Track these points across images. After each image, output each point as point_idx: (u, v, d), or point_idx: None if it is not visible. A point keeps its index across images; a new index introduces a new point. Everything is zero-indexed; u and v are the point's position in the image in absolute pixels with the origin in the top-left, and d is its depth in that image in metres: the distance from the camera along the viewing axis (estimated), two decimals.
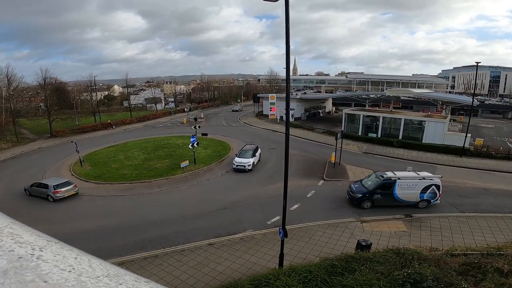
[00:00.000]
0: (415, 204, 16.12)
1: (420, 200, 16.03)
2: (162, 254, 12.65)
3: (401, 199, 16.02)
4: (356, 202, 16.45)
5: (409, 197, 15.98)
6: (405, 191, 15.93)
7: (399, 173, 16.79)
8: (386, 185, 16.02)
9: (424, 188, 15.96)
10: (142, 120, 51.73)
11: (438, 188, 16.06)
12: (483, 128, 42.58)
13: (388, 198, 16.02)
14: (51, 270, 0.63)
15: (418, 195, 15.96)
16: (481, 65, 28.94)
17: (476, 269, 8.04)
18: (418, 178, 16.19)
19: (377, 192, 16.08)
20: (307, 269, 8.13)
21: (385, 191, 16.07)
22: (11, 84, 39.96)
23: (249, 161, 23.08)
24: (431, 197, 16.13)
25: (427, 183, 15.97)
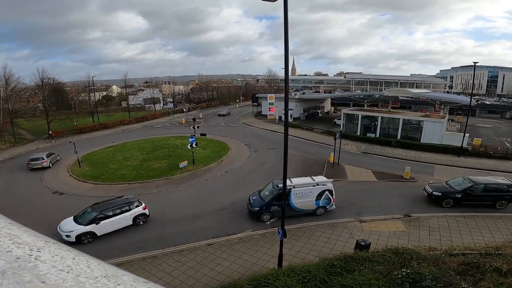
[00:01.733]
0: (312, 212, 15.52)
1: (317, 207, 15.49)
2: (161, 254, 12.63)
3: (298, 208, 15.24)
4: (254, 216, 15.28)
5: (305, 205, 15.32)
6: (301, 199, 15.19)
7: (295, 180, 15.96)
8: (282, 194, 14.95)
9: (318, 195, 15.42)
10: (141, 120, 51.63)
11: (332, 193, 15.61)
12: (481, 128, 42.73)
13: (286, 208, 14.29)
14: (49, 270, 0.63)
15: (314, 202, 15.38)
16: (478, 65, 29.10)
17: (475, 268, 8.06)
18: (312, 185, 15.51)
19: (274, 203, 15.02)
20: (306, 269, 8.13)
21: (282, 201, 15.09)
22: (9, 85, 39.81)
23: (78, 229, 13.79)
24: (327, 203, 15.65)
25: (321, 189, 15.43)
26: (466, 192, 16.55)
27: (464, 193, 16.55)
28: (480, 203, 16.48)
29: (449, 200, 16.64)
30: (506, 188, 16.61)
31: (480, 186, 16.70)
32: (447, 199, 16.65)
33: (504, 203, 16.53)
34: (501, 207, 16.49)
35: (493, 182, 17.13)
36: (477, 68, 29.67)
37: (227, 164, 25.48)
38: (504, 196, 16.55)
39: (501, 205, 16.53)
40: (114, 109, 67.85)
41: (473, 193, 16.59)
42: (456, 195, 16.60)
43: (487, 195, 16.58)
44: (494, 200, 16.51)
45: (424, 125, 31.39)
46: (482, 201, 16.52)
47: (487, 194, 16.62)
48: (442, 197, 16.67)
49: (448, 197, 16.67)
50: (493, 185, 16.77)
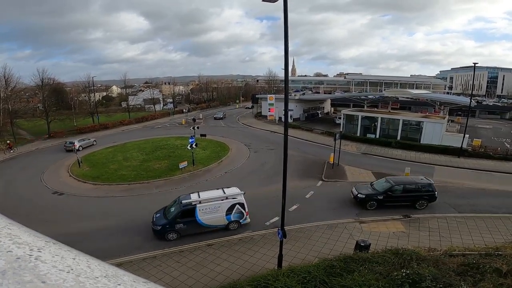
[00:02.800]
0: (224, 227, 14.41)
1: (229, 222, 14.38)
2: (161, 255, 12.63)
3: (207, 225, 14.10)
4: (158, 234, 13.99)
5: (215, 221, 14.17)
6: (209, 215, 14.04)
7: (204, 194, 14.79)
8: (186, 211, 13.87)
9: (229, 209, 14.31)
10: (141, 121, 51.62)
11: (243, 206, 14.49)
12: (481, 129, 42.76)
13: (192, 225, 13.85)
14: (50, 270, 0.63)
15: (224, 217, 14.25)
16: (478, 66, 29.12)
17: (475, 269, 8.06)
18: (220, 199, 14.34)
19: (178, 221, 13.82)
20: (306, 270, 8.12)
21: (187, 218, 13.86)
22: (9, 85, 39.82)
23: None
24: (239, 217, 14.53)
25: (231, 203, 14.32)
26: (387, 193, 16.52)
27: (385, 194, 16.51)
28: (400, 204, 16.49)
29: (373, 202, 16.51)
30: (424, 188, 16.65)
31: (399, 186, 16.73)
32: (371, 201, 16.51)
33: (424, 203, 16.57)
34: (421, 208, 16.50)
35: (412, 182, 17.21)
36: (477, 68, 29.69)
37: (227, 164, 25.48)
38: (423, 196, 16.60)
39: (421, 205, 16.56)
40: (114, 110, 67.84)
41: (393, 194, 16.59)
42: (378, 196, 16.52)
43: (406, 196, 16.62)
44: (413, 200, 16.55)
45: (424, 126, 31.43)
46: (402, 201, 16.54)
47: (406, 194, 16.66)
48: (366, 199, 16.53)
49: (371, 199, 16.53)
50: (411, 185, 16.86)
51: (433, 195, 16.57)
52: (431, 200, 16.63)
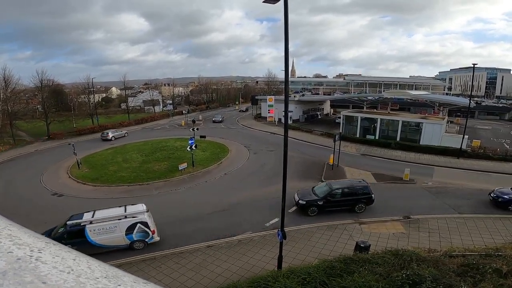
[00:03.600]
0: (127, 247, 13.13)
1: (132, 242, 13.10)
2: (160, 256, 12.60)
3: (103, 245, 12.74)
4: None
5: (112, 241, 12.89)
6: (104, 235, 12.74)
7: (100, 213, 13.46)
8: (74, 232, 12.60)
9: (129, 228, 13.02)
10: (140, 122, 51.60)
11: (147, 225, 13.19)
12: (480, 130, 42.83)
13: (84, 246, 12.12)
14: (50, 271, 0.64)
15: (125, 237, 12.96)
16: (477, 67, 29.16)
17: (475, 270, 8.05)
18: (117, 218, 13.05)
19: (64, 242, 11.89)
20: (306, 271, 8.12)
21: (77, 239, 12.43)
22: (8, 86, 39.81)
23: None
24: (143, 237, 13.22)
25: (131, 222, 13.01)
26: (327, 198, 16.04)
27: (325, 199, 16.01)
28: (340, 209, 16.08)
29: (314, 208, 15.96)
30: (362, 190, 16.29)
31: (338, 190, 16.27)
32: (312, 207, 15.93)
33: (363, 207, 16.18)
34: (360, 211, 16.09)
35: (350, 185, 16.84)
36: (476, 69, 29.78)
37: (227, 166, 25.47)
38: (361, 199, 16.17)
39: (360, 209, 16.15)
40: (113, 111, 67.79)
41: (333, 199, 16.11)
42: (318, 202, 15.97)
43: (345, 200, 16.16)
44: (353, 204, 16.14)
45: (423, 127, 31.48)
46: (342, 206, 16.13)
47: (345, 198, 16.18)
48: (307, 206, 15.92)
49: (312, 205, 15.95)
50: (349, 189, 16.47)
51: (370, 197, 16.19)
52: (369, 203, 16.25)
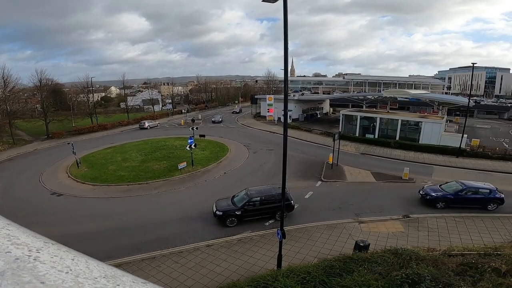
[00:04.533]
0: None
1: None
2: (160, 255, 12.60)
3: None
4: None
5: None
6: None
7: None
8: None
9: None
10: (139, 121, 51.49)
11: None
12: (479, 129, 42.88)
13: None
14: (48, 271, 0.63)
15: None
16: (477, 66, 29.20)
17: (474, 269, 8.07)
18: None
19: None
20: (305, 270, 8.13)
21: None
22: (7, 86, 39.73)
23: None
24: None
25: None
26: (245, 208, 14.85)
27: (243, 209, 14.81)
28: (261, 217, 15.07)
29: (233, 219, 14.78)
30: (279, 197, 14.50)
31: (256, 199, 15.15)
32: (230, 218, 14.73)
33: (284, 215, 14.48)
34: (280, 219, 14.37)
35: (269, 192, 15.49)
36: (475, 69, 29.79)
37: (226, 165, 25.47)
38: (280, 206, 14.62)
39: (280, 216, 14.59)
40: (112, 110, 67.71)
41: (251, 208, 14.99)
42: (236, 212, 14.78)
43: (265, 208, 15.07)
44: (273, 211, 15.07)
45: (422, 126, 31.49)
46: (261, 214, 15.09)
47: (265, 206, 15.08)
48: (223, 217, 14.73)
49: (229, 215, 14.75)
50: (268, 196, 15.23)
51: (289, 204, 15.16)
52: (289, 209, 15.17)
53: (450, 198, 16.43)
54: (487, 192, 16.47)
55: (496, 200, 16.31)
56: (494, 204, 16.33)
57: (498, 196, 16.31)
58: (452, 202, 16.40)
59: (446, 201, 16.44)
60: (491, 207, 16.31)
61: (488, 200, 16.32)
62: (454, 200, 16.39)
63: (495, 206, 16.32)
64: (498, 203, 16.33)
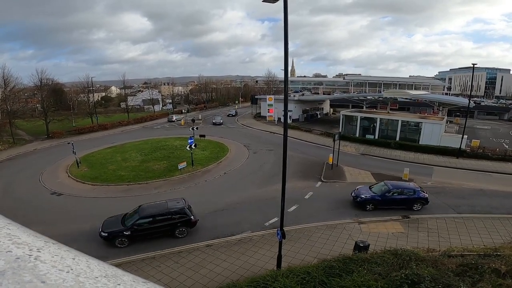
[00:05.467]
0: None
1: None
2: (160, 255, 12.60)
3: None
4: None
5: None
6: None
7: None
8: None
9: None
10: (140, 121, 51.60)
11: None
12: (480, 130, 42.87)
13: None
14: (49, 270, 0.63)
15: None
16: (477, 67, 29.18)
17: (473, 270, 8.07)
18: None
19: None
20: (305, 271, 8.12)
21: None
22: (8, 85, 39.75)
23: None
24: None
25: None
26: (134, 228, 13.34)
27: (133, 229, 13.31)
28: (158, 236, 13.68)
29: (122, 240, 13.26)
30: (178, 213, 13.87)
31: (146, 219, 13.59)
32: (118, 239, 13.23)
33: (184, 231, 13.93)
34: (181, 236, 13.84)
35: (163, 210, 14.05)
36: (475, 69, 29.79)
37: (226, 165, 25.47)
38: (176, 223, 13.75)
39: (181, 233, 13.88)
40: (113, 110, 67.74)
41: (142, 227, 13.44)
42: (125, 232, 13.22)
43: (159, 226, 13.62)
44: (170, 229, 13.79)
45: (422, 127, 31.49)
46: (156, 233, 13.61)
47: (158, 225, 13.61)
48: (111, 238, 13.24)
49: (117, 236, 13.21)
50: (163, 214, 13.79)
51: (189, 220, 13.93)
52: (189, 225, 14.02)
53: (378, 199, 16.42)
54: (411, 192, 16.51)
55: (421, 200, 16.40)
56: (419, 204, 16.41)
57: (422, 196, 16.40)
58: (379, 203, 16.42)
59: (374, 202, 16.40)
60: (416, 207, 16.37)
61: (413, 200, 16.39)
62: (381, 202, 16.42)
63: (420, 206, 16.41)
64: (423, 203, 16.44)
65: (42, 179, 22.97)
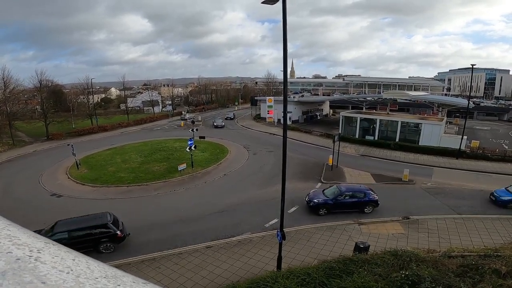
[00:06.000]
0: None
1: None
2: (160, 257, 12.58)
3: None
4: None
5: None
6: None
7: None
8: None
9: None
10: (139, 123, 51.57)
11: None
12: (479, 130, 42.90)
13: None
14: (49, 271, 0.64)
15: None
16: (476, 67, 29.22)
17: (474, 270, 8.06)
18: None
19: None
20: (305, 272, 8.12)
21: None
22: (7, 87, 39.77)
23: None
24: None
25: None
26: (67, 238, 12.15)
27: None
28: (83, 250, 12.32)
29: None
30: (99, 228, 12.90)
31: (65, 234, 12.44)
32: None
33: (110, 247, 13.01)
34: (107, 251, 12.87)
35: (85, 223, 13.15)
36: (475, 70, 29.81)
37: (226, 167, 25.46)
38: (100, 239, 12.77)
39: (107, 249, 12.91)
40: (112, 112, 67.80)
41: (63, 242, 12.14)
42: None
43: (82, 241, 12.38)
44: (94, 244, 12.76)
45: (422, 128, 31.50)
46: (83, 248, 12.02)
47: (80, 240, 12.42)
48: None
49: None
50: (84, 228, 12.85)
51: (113, 234, 12.92)
52: (114, 240, 13.02)
53: (330, 203, 16.16)
54: (362, 195, 16.40)
55: (371, 203, 16.31)
56: (369, 206, 16.32)
57: (372, 198, 16.30)
58: (332, 207, 16.14)
59: (327, 207, 16.14)
60: (367, 210, 16.25)
61: (364, 203, 16.26)
62: (334, 205, 16.15)
63: (371, 209, 16.32)
64: (373, 205, 16.35)
65: (41, 180, 22.94)
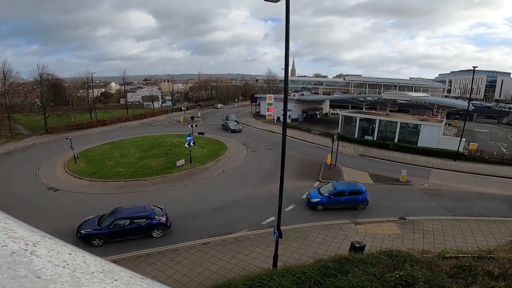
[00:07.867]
0: None
1: None
2: (156, 252, 12.60)
3: None
4: None
5: None
6: None
7: None
8: None
9: None
10: (139, 118, 51.42)
11: None
12: (478, 133, 42.97)
13: None
14: (45, 265, 0.63)
15: None
16: (477, 70, 29.23)
17: (467, 272, 8.11)
18: None
19: None
20: (301, 270, 8.15)
21: None
22: (7, 80, 39.58)
23: None
24: None
25: None
26: None
27: None
28: None
29: None
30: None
31: None
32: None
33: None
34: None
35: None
36: (476, 72, 29.84)
37: (225, 163, 25.46)
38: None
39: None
40: (112, 106, 67.43)
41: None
42: None
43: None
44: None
45: (421, 129, 31.51)
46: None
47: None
48: None
49: None
50: None
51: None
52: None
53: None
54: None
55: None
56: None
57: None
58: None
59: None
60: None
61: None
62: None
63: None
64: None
65: (39, 174, 22.90)
